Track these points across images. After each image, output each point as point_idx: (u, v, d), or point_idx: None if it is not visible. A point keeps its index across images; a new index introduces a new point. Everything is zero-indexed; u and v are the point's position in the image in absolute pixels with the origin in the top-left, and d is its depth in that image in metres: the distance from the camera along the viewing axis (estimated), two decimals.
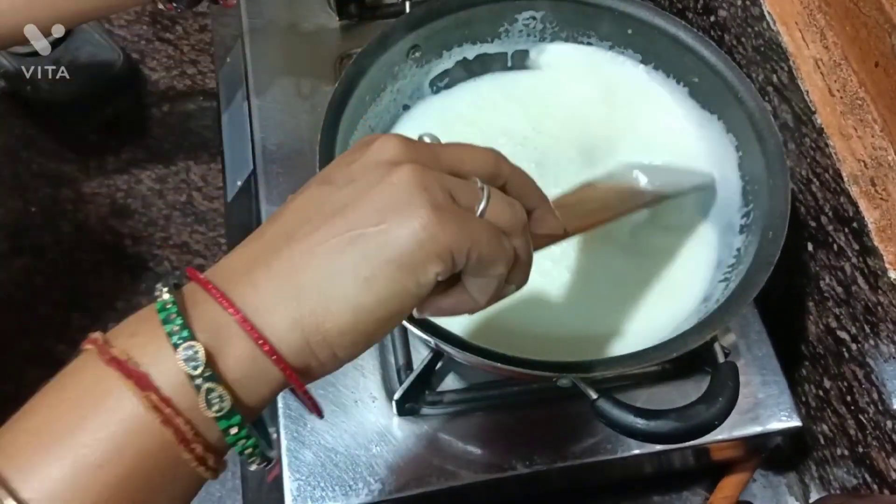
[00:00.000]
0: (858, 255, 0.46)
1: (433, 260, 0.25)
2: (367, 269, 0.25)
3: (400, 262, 0.25)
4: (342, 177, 0.27)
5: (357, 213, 0.26)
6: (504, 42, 0.52)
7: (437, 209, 0.25)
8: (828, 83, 0.49)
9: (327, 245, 0.26)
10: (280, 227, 0.27)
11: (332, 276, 0.25)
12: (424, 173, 0.26)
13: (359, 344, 0.27)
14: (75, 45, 0.66)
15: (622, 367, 0.38)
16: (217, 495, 0.56)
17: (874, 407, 0.47)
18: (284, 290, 0.25)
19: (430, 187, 0.26)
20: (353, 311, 0.25)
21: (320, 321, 0.25)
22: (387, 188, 0.26)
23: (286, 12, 0.63)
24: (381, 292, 0.25)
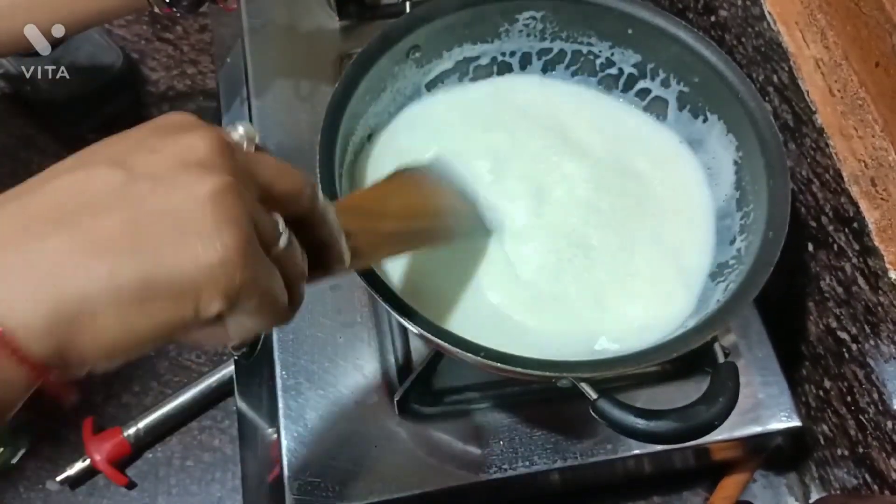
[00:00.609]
0: (859, 256, 0.46)
1: (221, 299, 0.23)
2: (147, 290, 0.22)
3: (184, 292, 0.23)
4: (143, 165, 0.23)
5: (150, 220, 0.22)
6: (504, 43, 0.52)
7: (242, 245, 0.23)
8: (828, 83, 0.49)
9: (105, 248, 0.22)
10: (49, 199, 0.23)
11: (104, 287, 0.22)
12: (238, 198, 0.23)
13: (115, 359, 0.23)
14: (75, 45, 0.66)
15: (622, 367, 0.38)
16: (217, 495, 0.56)
17: (874, 407, 0.47)
18: (43, 287, 0.22)
19: (239, 219, 0.23)
20: (119, 330, 0.23)
21: (81, 332, 0.22)
22: (192, 203, 0.23)
23: (286, 12, 0.63)
24: (154, 315, 0.23)
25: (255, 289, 0.24)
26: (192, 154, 0.24)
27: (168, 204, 0.23)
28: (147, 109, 0.71)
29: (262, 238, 0.25)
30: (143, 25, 0.75)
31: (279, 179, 0.26)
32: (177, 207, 0.23)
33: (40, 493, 0.55)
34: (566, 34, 0.52)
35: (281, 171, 0.27)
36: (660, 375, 0.50)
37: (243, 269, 0.23)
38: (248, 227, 0.24)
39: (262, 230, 0.25)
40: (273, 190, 0.26)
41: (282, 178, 0.26)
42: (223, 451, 0.57)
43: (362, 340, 0.50)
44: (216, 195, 0.23)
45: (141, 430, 0.56)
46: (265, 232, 0.25)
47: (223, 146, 0.24)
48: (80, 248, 0.22)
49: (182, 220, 0.23)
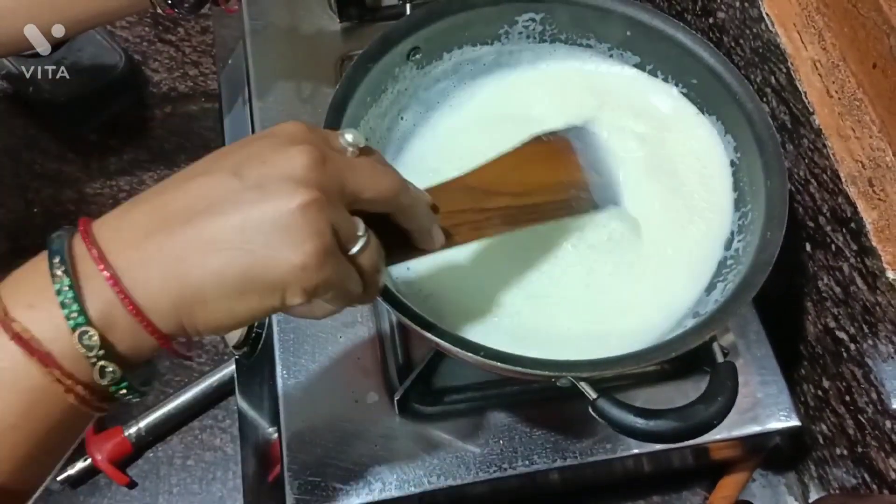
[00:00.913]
0: (857, 256, 0.46)
1: (302, 293, 0.29)
2: (244, 284, 0.28)
3: (274, 288, 0.28)
4: (252, 176, 0.29)
5: (251, 224, 0.28)
6: (504, 44, 0.52)
7: (321, 253, 0.28)
8: (826, 84, 0.49)
9: (216, 244, 0.28)
10: (181, 200, 0.29)
11: (215, 279, 0.28)
12: (323, 211, 0.28)
13: (221, 332, 0.30)
14: (77, 46, 0.67)
15: (622, 367, 0.39)
16: (217, 495, 0.56)
17: (873, 407, 0.47)
18: (171, 275, 0.28)
19: (321, 229, 0.28)
20: (224, 314, 0.29)
21: (196, 313, 0.28)
22: (286, 213, 0.28)
23: (287, 14, 0.63)
24: (251, 305, 0.29)
25: (330, 285, 0.30)
26: (293, 169, 0.29)
27: (268, 213, 0.28)
28: (149, 110, 0.71)
29: (341, 242, 0.30)
30: (146, 27, 0.75)
31: (369, 186, 0.31)
32: (274, 217, 0.28)
33: (41, 493, 0.55)
34: (565, 36, 0.52)
35: (374, 177, 0.32)
36: (659, 375, 0.50)
37: (320, 272, 0.29)
38: (327, 236, 0.29)
39: (343, 235, 0.30)
40: (366, 195, 0.31)
41: (372, 184, 0.31)
42: (224, 451, 0.57)
43: (363, 340, 0.50)
44: (305, 209, 0.28)
45: (142, 429, 0.56)
46: (345, 237, 0.30)
47: (317, 161, 0.29)
48: (200, 244, 0.28)
49: (277, 228, 0.28)
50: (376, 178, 0.32)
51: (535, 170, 0.41)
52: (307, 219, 0.28)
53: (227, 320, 0.29)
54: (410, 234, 0.35)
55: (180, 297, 0.28)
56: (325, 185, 0.29)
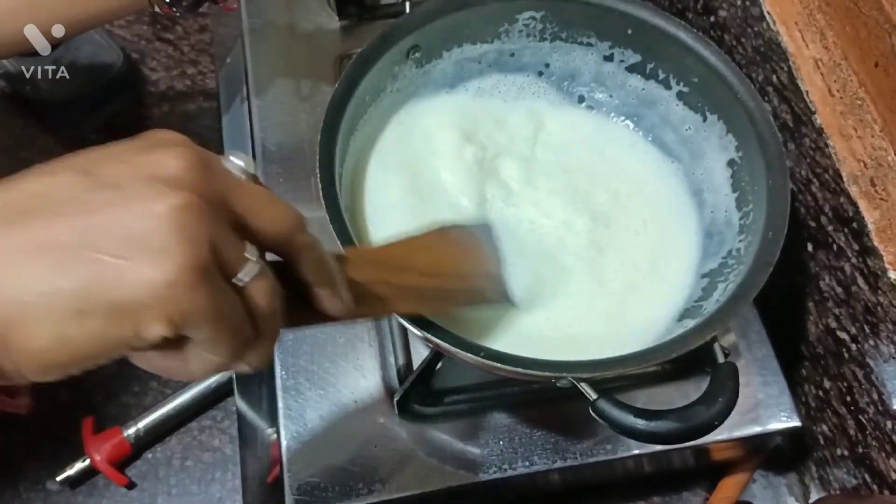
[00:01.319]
0: (858, 256, 0.46)
1: (163, 322, 0.22)
2: (86, 302, 0.21)
3: (124, 309, 0.22)
4: (108, 175, 0.23)
5: (102, 229, 0.22)
6: (504, 43, 0.52)
7: (192, 269, 0.22)
8: (827, 83, 0.49)
9: (47, 250, 0.21)
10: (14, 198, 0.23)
11: (42, 291, 0.21)
12: (198, 218, 0.22)
13: (50, 373, 0.23)
14: (75, 46, 0.67)
15: (622, 367, 0.38)
16: (217, 496, 0.56)
17: (874, 407, 0.47)
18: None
19: (196, 238, 0.22)
20: (53, 342, 0.22)
21: (13, 339, 0.22)
22: (147, 217, 0.22)
23: (286, 12, 0.63)
24: (91, 331, 0.22)
25: (205, 315, 0.23)
26: (161, 169, 0.23)
27: (124, 215, 0.22)
28: (147, 109, 0.71)
29: (223, 265, 0.23)
30: (144, 26, 0.75)
31: (262, 212, 0.25)
32: (132, 220, 0.22)
33: (40, 493, 0.55)
34: (566, 34, 0.52)
35: (266, 204, 0.25)
36: (660, 375, 0.50)
37: (192, 294, 0.22)
38: (203, 248, 0.22)
39: (227, 258, 0.23)
40: (255, 222, 0.25)
41: (267, 211, 0.25)
42: (223, 451, 0.57)
43: (362, 340, 0.50)
44: (175, 211, 0.22)
45: (141, 430, 0.56)
46: (228, 259, 0.23)
47: (198, 165, 0.23)
48: (25, 249, 0.21)
49: (135, 233, 0.22)
50: (270, 206, 0.25)
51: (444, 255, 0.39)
52: (180, 224, 0.22)
53: (56, 353, 0.22)
54: (311, 288, 0.28)
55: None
56: (204, 191, 0.23)
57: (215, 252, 0.23)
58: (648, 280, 0.47)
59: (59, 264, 0.21)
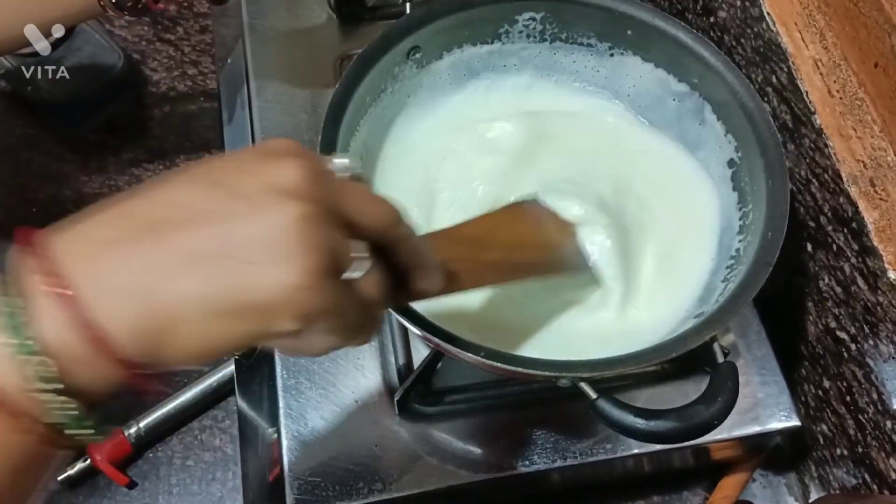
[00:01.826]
0: (858, 256, 0.46)
1: (293, 319, 0.25)
2: (225, 304, 0.24)
3: (259, 310, 0.24)
4: (236, 185, 0.25)
5: (236, 237, 0.24)
6: (504, 44, 0.52)
7: (320, 273, 0.24)
8: (827, 84, 0.49)
9: (194, 259, 0.24)
10: (151, 209, 0.25)
11: (188, 296, 0.24)
12: (319, 227, 0.25)
13: (198, 362, 0.26)
14: (76, 46, 0.67)
15: (622, 367, 0.38)
16: (217, 495, 0.56)
17: (874, 407, 0.47)
18: (138, 294, 0.24)
19: (319, 246, 0.24)
20: (201, 340, 0.25)
21: (167, 340, 0.24)
22: (276, 226, 0.24)
23: (287, 13, 0.63)
24: (233, 331, 0.25)
25: (328, 313, 0.26)
26: (284, 180, 0.25)
27: (256, 226, 0.24)
28: (148, 110, 0.71)
29: (339, 265, 0.26)
30: (144, 26, 0.75)
31: (367, 210, 0.28)
32: (262, 230, 0.24)
33: (40, 493, 0.55)
34: (566, 35, 0.52)
35: (370, 203, 0.28)
36: (659, 375, 0.50)
37: (317, 295, 0.25)
38: (326, 255, 0.25)
39: (341, 257, 0.26)
40: (360, 220, 0.27)
41: (370, 209, 0.28)
42: (224, 451, 0.57)
43: None
44: (300, 223, 0.24)
45: (141, 429, 0.56)
46: (342, 258, 0.26)
47: (314, 175, 0.25)
48: (174, 259, 0.24)
49: (267, 243, 0.24)
50: (374, 203, 0.28)
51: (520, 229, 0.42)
52: (304, 233, 0.24)
53: (203, 348, 0.25)
54: (409, 272, 0.31)
55: (148, 320, 0.24)
56: (320, 200, 0.25)
57: (332, 254, 0.25)
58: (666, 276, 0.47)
59: (204, 272, 0.24)
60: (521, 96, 0.53)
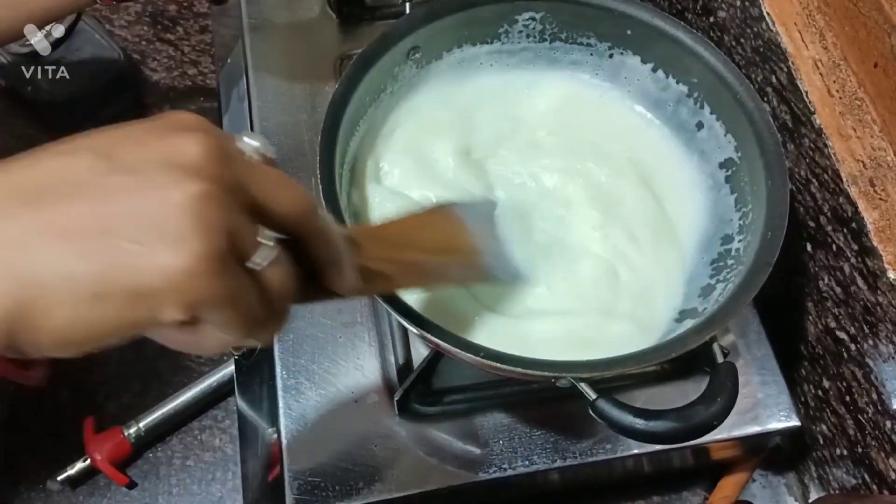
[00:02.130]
0: (857, 256, 0.46)
1: (179, 307, 0.23)
2: (103, 286, 0.22)
3: (140, 295, 0.22)
4: (127, 159, 0.23)
5: (120, 214, 0.22)
6: (504, 44, 0.52)
7: (210, 257, 0.22)
8: (827, 84, 0.49)
9: (69, 233, 0.22)
10: (32, 178, 0.23)
11: (57, 273, 0.22)
12: (216, 206, 0.23)
13: (67, 350, 0.23)
14: (76, 46, 0.66)
15: (622, 367, 0.38)
16: (217, 495, 0.56)
17: (873, 407, 0.47)
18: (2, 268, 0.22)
19: (214, 227, 0.22)
20: (72, 323, 0.22)
21: (34, 320, 0.22)
22: (165, 205, 0.22)
23: (286, 13, 0.63)
24: (109, 314, 0.22)
25: (221, 302, 0.23)
26: (180, 155, 0.23)
27: (143, 202, 0.22)
28: (148, 110, 0.71)
29: (240, 251, 0.24)
30: (144, 26, 0.75)
31: (277, 195, 0.25)
32: (151, 207, 0.22)
33: (41, 493, 0.55)
34: (565, 35, 0.52)
35: (281, 187, 0.26)
36: (659, 375, 0.50)
37: (209, 282, 0.22)
38: (221, 237, 0.23)
39: (242, 243, 0.24)
40: (270, 206, 0.25)
41: (282, 195, 0.25)
42: (224, 451, 0.57)
43: (362, 340, 0.50)
44: (193, 200, 0.22)
45: (141, 429, 0.56)
46: (245, 245, 0.24)
47: (216, 152, 0.24)
48: (46, 231, 0.22)
49: (153, 220, 0.22)
50: (286, 190, 0.26)
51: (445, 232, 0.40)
52: (199, 213, 0.22)
53: (75, 332, 0.22)
54: (322, 268, 0.28)
55: (14, 297, 0.22)
56: (222, 179, 0.23)
57: (231, 238, 0.23)
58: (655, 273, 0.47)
59: (78, 248, 0.22)
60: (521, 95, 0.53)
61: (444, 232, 0.40)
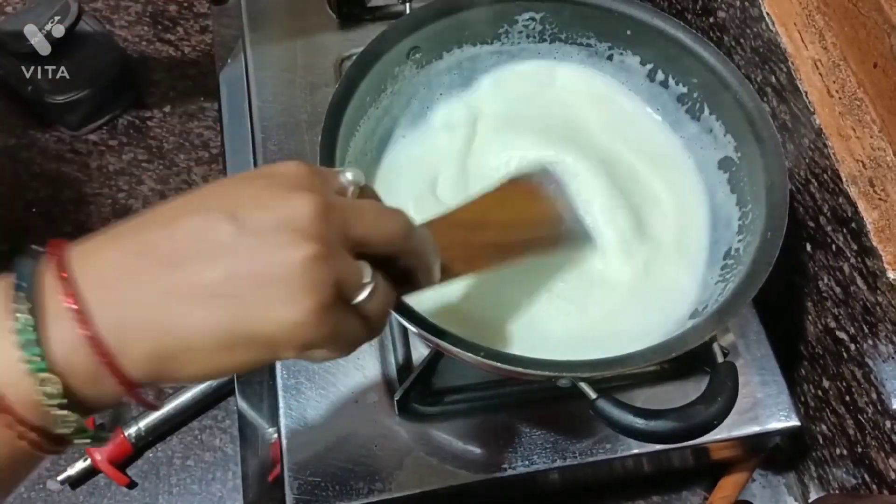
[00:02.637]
0: (857, 256, 0.46)
1: (293, 350, 0.27)
2: (234, 338, 0.26)
3: (263, 344, 0.26)
4: (250, 221, 0.26)
5: (248, 276, 0.26)
6: (504, 44, 0.52)
7: (319, 310, 0.26)
8: (826, 84, 0.49)
9: (206, 297, 0.26)
10: (169, 240, 0.26)
11: (197, 329, 0.26)
12: (324, 265, 0.26)
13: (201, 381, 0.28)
14: (76, 46, 0.67)
15: (622, 367, 0.39)
16: (217, 495, 0.56)
17: (873, 407, 0.47)
18: (150, 321, 0.26)
19: (322, 283, 0.26)
20: (207, 366, 0.27)
21: (174, 364, 0.26)
22: (284, 267, 0.26)
23: (287, 13, 0.63)
24: (239, 359, 0.27)
25: (327, 340, 0.28)
26: (294, 218, 0.26)
27: (265, 264, 0.26)
28: (148, 110, 0.71)
29: (346, 292, 0.28)
30: (144, 26, 0.75)
31: (377, 228, 0.29)
32: (271, 268, 0.26)
33: (41, 493, 0.55)
34: (566, 35, 0.52)
35: (381, 220, 0.30)
36: (659, 375, 0.50)
37: (316, 329, 0.26)
38: (327, 291, 0.26)
39: (348, 285, 0.28)
40: (370, 240, 0.29)
41: (378, 227, 0.29)
42: (224, 451, 0.57)
43: None
44: (305, 262, 0.26)
45: (142, 429, 0.56)
46: (350, 286, 0.28)
47: (324, 212, 0.27)
48: (185, 291, 0.26)
49: (273, 281, 0.26)
50: (383, 222, 0.30)
51: (518, 206, 0.41)
52: (307, 273, 0.26)
53: (209, 372, 0.27)
54: (413, 272, 0.32)
55: (158, 346, 0.26)
56: (328, 235, 0.27)
57: (338, 287, 0.27)
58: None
59: (216, 308, 0.26)
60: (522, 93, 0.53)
61: (521, 205, 0.41)
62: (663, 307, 0.46)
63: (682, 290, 0.47)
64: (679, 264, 0.48)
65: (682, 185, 0.51)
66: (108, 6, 0.75)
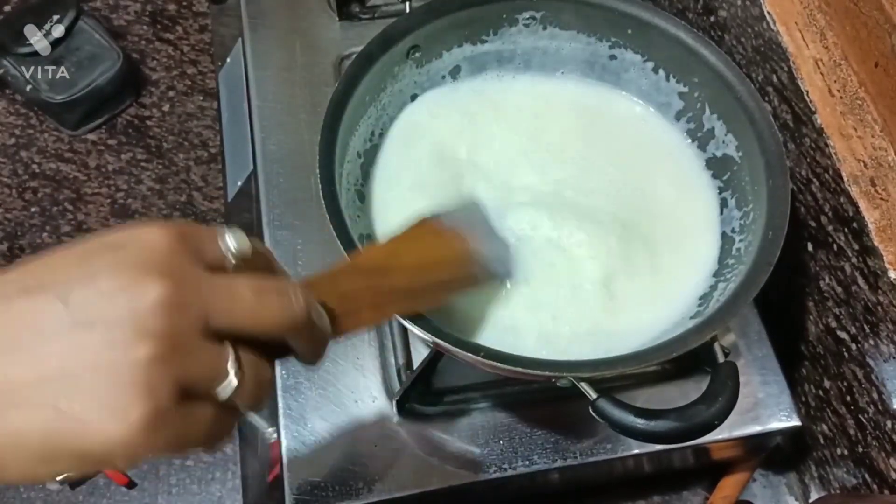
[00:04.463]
0: (858, 255, 0.46)
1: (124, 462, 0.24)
2: (53, 452, 0.23)
3: (85, 457, 0.23)
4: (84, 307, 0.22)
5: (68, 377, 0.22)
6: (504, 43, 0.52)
7: (151, 421, 0.22)
8: (828, 83, 0.49)
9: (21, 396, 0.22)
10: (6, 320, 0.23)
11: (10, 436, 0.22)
12: (163, 368, 0.22)
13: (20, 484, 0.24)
14: (75, 45, 0.67)
15: (622, 367, 0.38)
16: (217, 495, 0.56)
17: (874, 407, 0.47)
18: None
19: (159, 387, 0.22)
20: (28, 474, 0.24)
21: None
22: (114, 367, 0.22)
23: (286, 12, 0.63)
24: (57, 468, 0.24)
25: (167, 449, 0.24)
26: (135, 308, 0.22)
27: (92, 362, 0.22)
28: (147, 109, 0.71)
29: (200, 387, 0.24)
30: (144, 26, 0.75)
31: (252, 318, 0.25)
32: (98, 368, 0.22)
33: (40, 493, 0.55)
34: (566, 34, 0.52)
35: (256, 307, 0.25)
36: (660, 375, 0.50)
37: (148, 442, 0.23)
38: (164, 397, 0.23)
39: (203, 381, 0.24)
40: (239, 329, 0.25)
41: (256, 315, 0.25)
42: (223, 451, 0.57)
43: (362, 340, 0.50)
44: (137, 364, 0.22)
45: None
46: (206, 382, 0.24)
47: (172, 304, 0.23)
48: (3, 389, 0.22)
49: (99, 383, 0.22)
50: (262, 308, 0.25)
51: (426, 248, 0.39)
52: (139, 376, 0.22)
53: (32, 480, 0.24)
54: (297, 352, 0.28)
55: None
56: (178, 329, 0.23)
57: (186, 386, 0.23)
58: None
59: (27, 415, 0.22)
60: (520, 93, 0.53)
61: (429, 246, 0.39)
62: (664, 307, 0.46)
63: (682, 291, 0.47)
64: (680, 264, 0.48)
65: (682, 184, 0.50)
66: (108, 5, 0.75)
